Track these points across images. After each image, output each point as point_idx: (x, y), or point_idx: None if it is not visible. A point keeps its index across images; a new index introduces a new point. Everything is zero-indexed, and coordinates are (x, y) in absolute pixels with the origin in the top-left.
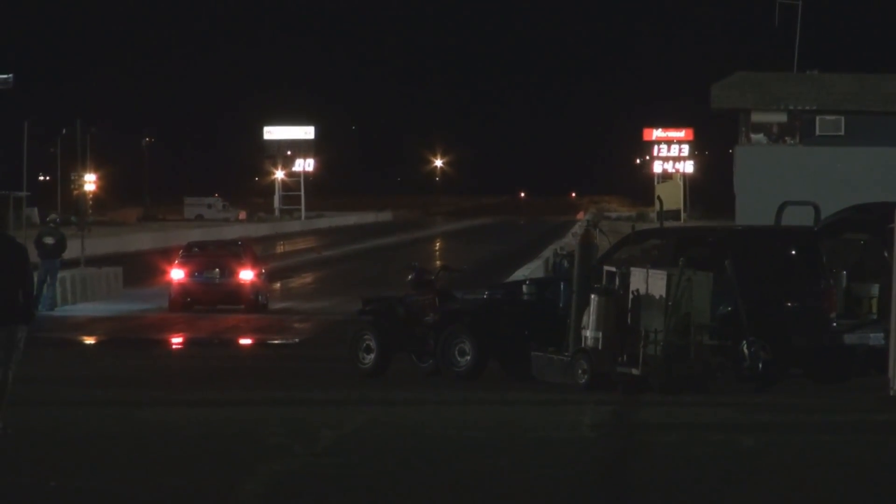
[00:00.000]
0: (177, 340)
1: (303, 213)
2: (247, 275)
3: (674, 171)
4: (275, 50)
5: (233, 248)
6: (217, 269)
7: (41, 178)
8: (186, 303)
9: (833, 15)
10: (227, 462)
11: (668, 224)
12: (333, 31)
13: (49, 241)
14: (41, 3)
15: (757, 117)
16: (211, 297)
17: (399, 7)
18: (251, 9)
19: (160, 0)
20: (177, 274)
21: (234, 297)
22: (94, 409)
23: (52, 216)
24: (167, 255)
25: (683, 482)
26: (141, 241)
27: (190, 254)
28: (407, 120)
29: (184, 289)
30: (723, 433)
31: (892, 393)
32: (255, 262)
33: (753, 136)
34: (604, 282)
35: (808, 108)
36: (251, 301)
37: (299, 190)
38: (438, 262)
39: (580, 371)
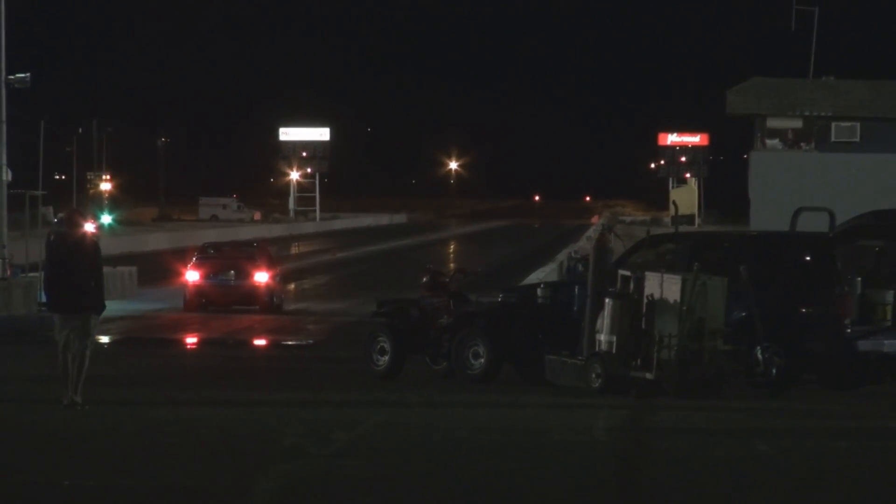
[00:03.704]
0: (191, 340)
1: (317, 215)
2: (262, 277)
3: (689, 175)
4: (291, 51)
5: (248, 250)
6: (232, 271)
7: (57, 176)
8: (201, 304)
9: (849, 21)
10: (241, 462)
11: (682, 229)
12: (349, 32)
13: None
14: (58, 2)
15: (772, 123)
16: (226, 298)
17: (414, 9)
18: (268, 10)
19: (177, 1)
20: (192, 275)
21: (249, 298)
22: (109, 407)
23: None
24: (182, 255)
25: (697, 486)
26: (156, 240)
27: (205, 255)
28: (422, 122)
29: (199, 290)
30: (736, 438)
31: None
32: (271, 263)
33: (769, 142)
34: (618, 286)
35: (823, 114)
36: (266, 302)
37: (314, 191)
38: (453, 265)
39: (594, 375)
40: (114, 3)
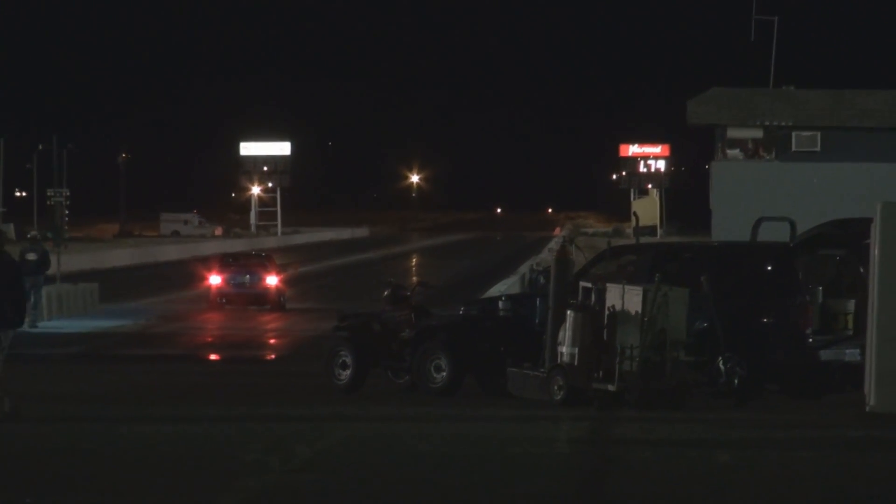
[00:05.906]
0: (154, 356)
1: (279, 229)
2: (272, 280)
3: (650, 186)
4: (252, 66)
5: (259, 258)
6: (248, 276)
7: (17, 193)
8: (222, 303)
9: (809, 31)
10: (204, 478)
11: (644, 240)
12: (310, 47)
13: (32, 257)
14: (16, 18)
15: (733, 133)
16: (243, 299)
17: (375, 24)
18: (229, 25)
19: (137, 16)
20: (215, 280)
21: (262, 298)
22: (72, 425)
23: (33, 233)
24: (143, 271)
25: (659, 498)
26: (117, 257)
27: (225, 263)
28: (383, 136)
29: (220, 292)
30: (699, 449)
31: (867, 409)
32: (278, 269)
33: (729, 152)
34: (580, 297)
35: (784, 123)
36: (276, 302)
37: (275, 206)
38: (414, 278)
39: (556, 387)
40: (73, 20)
